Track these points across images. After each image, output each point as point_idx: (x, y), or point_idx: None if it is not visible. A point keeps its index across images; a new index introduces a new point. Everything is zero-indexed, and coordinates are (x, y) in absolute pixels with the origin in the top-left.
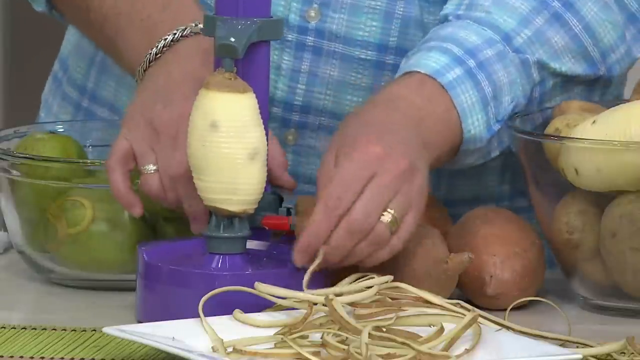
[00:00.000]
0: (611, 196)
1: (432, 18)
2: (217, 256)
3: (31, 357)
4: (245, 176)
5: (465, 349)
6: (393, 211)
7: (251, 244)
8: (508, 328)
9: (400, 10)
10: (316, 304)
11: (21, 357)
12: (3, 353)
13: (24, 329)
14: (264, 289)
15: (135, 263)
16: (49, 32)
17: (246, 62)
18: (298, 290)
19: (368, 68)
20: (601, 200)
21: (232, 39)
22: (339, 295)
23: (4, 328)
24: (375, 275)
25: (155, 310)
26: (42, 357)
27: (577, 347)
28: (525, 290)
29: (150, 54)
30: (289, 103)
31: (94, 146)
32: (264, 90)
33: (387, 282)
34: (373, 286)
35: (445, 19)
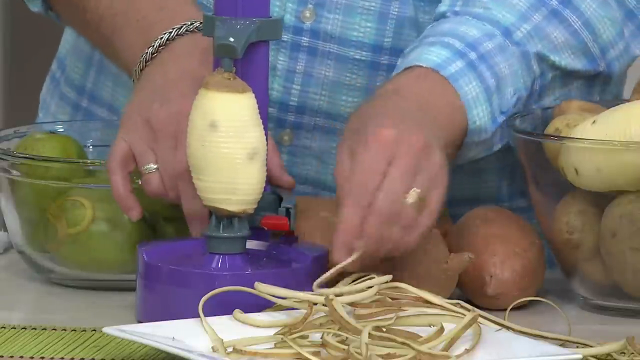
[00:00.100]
0: (611, 196)
1: (427, 17)
2: (217, 256)
3: (31, 357)
4: (244, 176)
5: (465, 349)
6: (418, 190)
7: (251, 244)
8: (508, 328)
9: (394, 11)
10: (316, 304)
11: (21, 357)
12: (3, 353)
13: (24, 329)
14: (264, 289)
15: (135, 263)
16: (49, 32)
17: (245, 62)
18: (298, 290)
19: (363, 68)
20: (601, 200)
21: (231, 39)
22: (339, 295)
23: (4, 328)
24: (375, 276)
25: (155, 310)
26: (42, 357)
27: (577, 347)
28: (525, 290)
29: (147, 53)
30: (284, 103)
31: (94, 146)
32: (263, 90)
33: (387, 282)
34: (373, 286)
35: (442, 15)
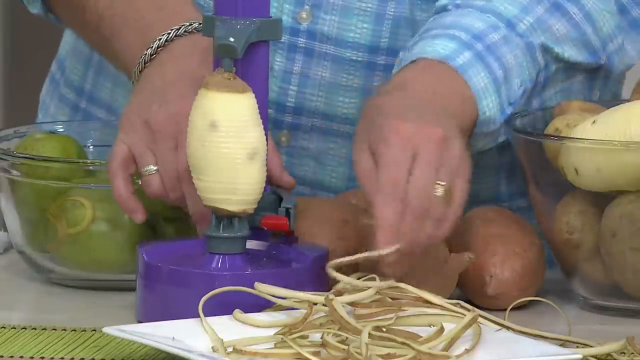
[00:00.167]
0: (611, 196)
1: (425, 16)
2: (217, 256)
3: (31, 357)
4: (244, 176)
5: (465, 349)
6: (444, 183)
7: (251, 244)
8: (508, 328)
9: (391, 11)
10: (316, 304)
11: (21, 357)
12: (3, 353)
13: (24, 329)
14: (264, 289)
15: (135, 263)
16: (49, 33)
17: (245, 62)
18: (298, 290)
19: (359, 69)
20: (601, 200)
21: (232, 39)
22: (339, 295)
23: (4, 328)
24: (375, 276)
25: (155, 310)
26: (42, 357)
27: (577, 347)
28: (525, 290)
29: (145, 54)
30: (281, 104)
31: (94, 146)
32: (263, 90)
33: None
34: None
35: (444, 9)
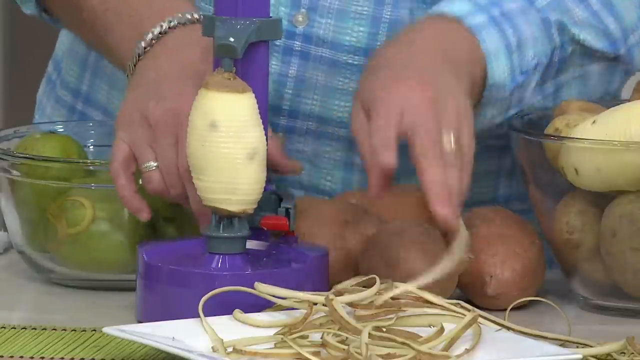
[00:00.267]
0: (611, 196)
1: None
2: (217, 256)
3: (31, 357)
4: (244, 176)
5: (465, 349)
6: (450, 132)
7: (251, 244)
8: (508, 328)
9: (387, 14)
10: (316, 304)
11: (21, 357)
12: (3, 353)
13: (24, 329)
14: (264, 289)
15: (135, 263)
16: (49, 33)
17: (245, 62)
18: (298, 290)
19: (355, 73)
20: (601, 200)
21: (232, 39)
22: (339, 295)
23: (4, 328)
24: (375, 276)
25: (155, 310)
26: (42, 357)
27: (577, 347)
28: (525, 290)
29: (139, 47)
30: (276, 108)
31: (94, 146)
32: (263, 90)
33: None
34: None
35: None
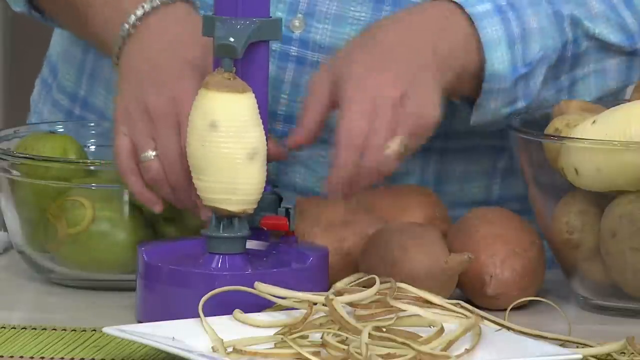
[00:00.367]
0: (611, 196)
1: None
2: (217, 256)
3: (31, 357)
4: (244, 176)
5: (465, 349)
6: (397, 141)
7: (251, 244)
8: (508, 328)
9: None
10: (316, 304)
11: (21, 357)
12: (3, 353)
13: (24, 329)
14: (264, 289)
15: (135, 263)
16: (49, 32)
17: (245, 62)
18: (298, 290)
19: None
20: (601, 200)
21: (232, 39)
22: (339, 295)
23: (4, 328)
24: (375, 276)
25: (155, 310)
26: (42, 357)
27: (577, 347)
28: (525, 290)
29: (123, 31)
30: (272, 113)
31: (94, 146)
32: (263, 90)
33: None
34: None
35: None
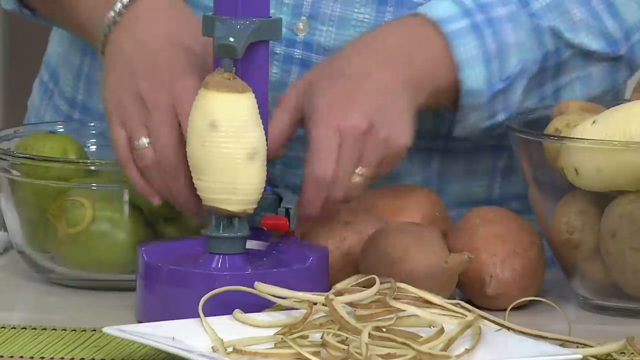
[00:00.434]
0: (611, 196)
1: None
2: (217, 256)
3: (31, 357)
4: (244, 176)
5: (465, 349)
6: (363, 171)
7: (251, 244)
8: (508, 328)
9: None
10: (316, 304)
11: (21, 357)
12: (3, 353)
13: (24, 329)
14: (264, 289)
15: (135, 263)
16: (48, 32)
17: (245, 62)
18: (298, 290)
19: None
20: (601, 200)
21: (231, 39)
22: (339, 295)
23: (4, 328)
24: (375, 277)
25: (155, 310)
26: (42, 357)
27: (577, 347)
28: (525, 290)
29: (108, 18)
30: None
31: (94, 146)
32: (263, 90)
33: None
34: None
35: None
